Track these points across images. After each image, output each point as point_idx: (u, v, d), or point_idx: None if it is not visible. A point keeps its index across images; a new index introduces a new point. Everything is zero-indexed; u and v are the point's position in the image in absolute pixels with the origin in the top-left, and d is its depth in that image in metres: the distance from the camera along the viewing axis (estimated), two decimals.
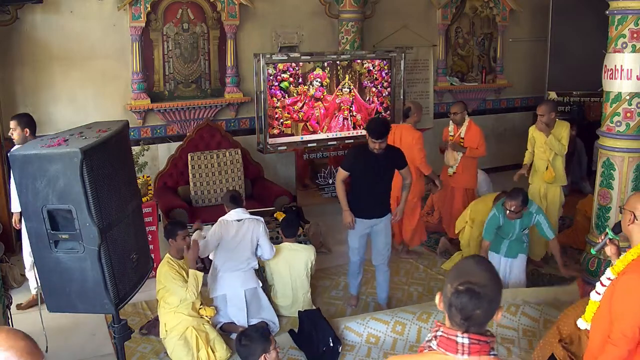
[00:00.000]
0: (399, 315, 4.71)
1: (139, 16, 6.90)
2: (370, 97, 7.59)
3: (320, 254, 5.96)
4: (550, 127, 5.73)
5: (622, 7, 4.81)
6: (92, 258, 2.82)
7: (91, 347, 4.65)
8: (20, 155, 2.78)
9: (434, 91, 8.89)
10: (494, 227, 5.19)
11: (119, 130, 3.11)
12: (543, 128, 5.72)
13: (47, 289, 2.96)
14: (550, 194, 5.96)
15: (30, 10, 6.54)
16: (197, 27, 7.33)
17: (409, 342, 4.54)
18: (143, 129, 7.27)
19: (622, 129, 4.92)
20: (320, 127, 7.36)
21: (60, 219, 2.81)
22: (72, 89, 6.87)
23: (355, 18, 7.79)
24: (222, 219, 4.90)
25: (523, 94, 9.69)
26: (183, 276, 4.40)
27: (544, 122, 5.70)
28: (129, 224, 3.12)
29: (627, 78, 4.82)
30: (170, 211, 6.23)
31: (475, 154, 6.32)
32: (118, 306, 2.98)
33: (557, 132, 5.76)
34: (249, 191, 7.05)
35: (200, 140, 7.01)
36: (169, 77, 7.30)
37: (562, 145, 5.75)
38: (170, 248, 4.55)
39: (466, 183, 6.44)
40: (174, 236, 4.51)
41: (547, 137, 5.73)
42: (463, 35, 9.12)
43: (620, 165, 4.95)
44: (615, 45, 4.87)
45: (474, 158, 6.36)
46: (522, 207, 4.99)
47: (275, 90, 6.99)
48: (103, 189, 2.85)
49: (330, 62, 7.25)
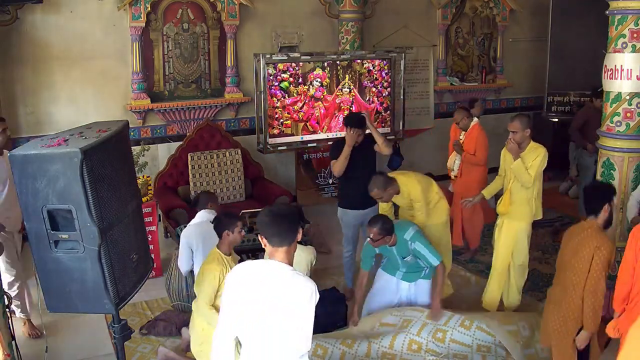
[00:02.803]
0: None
1: (139, 16, 6.91)
2: (370, 97, 7.59)
3: (320, 254, 5.96)
4: (522, 149, 4.74)
5: (622, 7, 4.81)
6: (92, 258, 2.82)
7: (91, 347, 4.65)
8: (20, 155, 2.78)
9: (434, 91, 8.89)
10: (369, 256, 4.68)
11: (119, 130, 3.11)
12: (513, 148, 4.73)
13: (47, 289, 2.95)
14: (505, 228, 4.89)
15: (30, 10, 6.54)
16: (197, 27, 7.33)
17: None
18: (143, 129, 7.27)
19: (622, 129, 4.92)
20: (320, 127, 7.37)
21: (60, 219, 2.81)
22: (72, 89, 6.88)
23: (355, 18, 7.79)
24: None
25: (523, 94, 9.69)
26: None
27: (516, 141, 4.72)
28: (129, 224, 3.12)
29: (627, 78, 4.82)
30: (170, 211, 6.24)
31: (470, 160, 6.03)
32: (118, 306, 2.97)
33: (528, 157, 4.68)
34: (249, 191, 7.06)
35: (200, 140, 7.01)
36: (169, 77, 7.30)
37: (529, 177, 4.64)
38: (221, 242, 4.04)
39: (465, 190, 5.99)
40: (231, 228, 4.01)
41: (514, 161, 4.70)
42: (463, 35, 9.12)
43: (620, 165, 4.94)
44: (615, 45, 4.87)
45: (474, 165, 6.05)
46: (381, 236, 4.35)
47: (275, 90, 7.00)
48: (103, 189, 2.84)
49: (330, 62, 7.25)
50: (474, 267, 6.13)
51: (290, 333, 2.47)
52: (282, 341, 2.48)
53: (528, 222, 4.85)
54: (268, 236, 2.53)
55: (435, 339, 4.38)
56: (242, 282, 2.55)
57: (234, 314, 2.55)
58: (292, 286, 2.47)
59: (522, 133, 4.73)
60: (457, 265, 6.14)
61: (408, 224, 4.61)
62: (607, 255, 3.52)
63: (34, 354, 4.34)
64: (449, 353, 4.35)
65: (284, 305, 2.46)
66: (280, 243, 2.51)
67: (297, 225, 2.55)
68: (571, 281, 3.63)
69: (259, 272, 2.54)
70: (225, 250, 4.02)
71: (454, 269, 6.07)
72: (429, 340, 4.35)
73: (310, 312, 2.46)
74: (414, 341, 4.35)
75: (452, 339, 4.39)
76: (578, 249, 3.61)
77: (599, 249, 3.50)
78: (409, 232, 4.47)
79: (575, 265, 3.61)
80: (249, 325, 2.52)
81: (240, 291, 2.53)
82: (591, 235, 3.58)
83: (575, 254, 3.62)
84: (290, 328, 2.47)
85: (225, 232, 4.01)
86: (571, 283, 3.63)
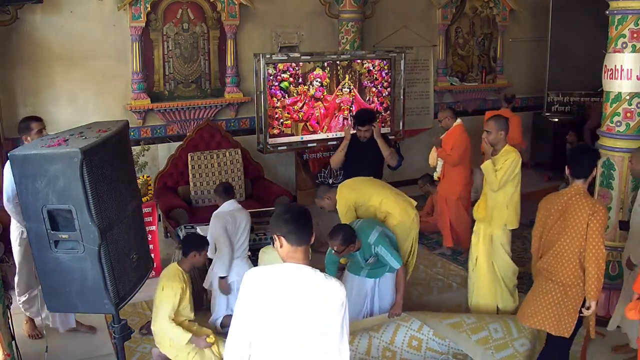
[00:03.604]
0: None
1: (139, 16, 6.91)
2: (370, 97, 7.59)
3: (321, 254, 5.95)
4: (497, 151, 4.61)
5: (622, 7, 4.81)
6: (92, 258, 2.82)
7: (91, 347, 4.65)
8: (20, 155, 2.78)
9: (434, 91, 8.90)
10: (332, 263, 4.62)
11: (119, 130, 3.11)
12: (486, 149, 4.64)
13: (47, 289, 2.96)
14: (482, 235, 4.78)
15: (30, 10, 6.54)
16: (197, 27, 7.33)
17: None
18: (143, 129, 7.27)
19: (622, 129, 4.92)
20: (320, 127, 7.37)
21: (60, 219, 2.81)
22: (72, 89, 6.88)
23: (355, 18, 7.80)
24: (217, 212, 4.89)
25: (523, 94, 9.68)
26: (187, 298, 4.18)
27: (489, 142, 4.61)
28: (129, 224, 3.12)
29: (627, 78, 4.81)
30: (170, 211, 6.24)
31: (446, 158, 6.06)
32: (118, 306, 2.98)
33: (499, 159, 4.56)
34: (249, 191, 7.06)
35: (200, 140, 7.01)
36: (169, 77, 7.30)
37: (496, 179, 4.49)
38: (184, 260, 4.30)
39: (446, 192, 6.14)
40: (200, 250, 4.30)
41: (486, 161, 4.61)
42: (463, 35, 9.12)
43: (620, 165, 4.94)
44: (615, 45, 4.86)
45: (451, 165, 6.07)
46: (345, 246, 4.26)
47: (275, 90, 7.00)
48: (103, 189, 2.85)
49: (330, 62, 7.25)
50: None
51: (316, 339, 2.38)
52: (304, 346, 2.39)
53: (502, 228, 4.71)
54: (286, 234, 2.44)
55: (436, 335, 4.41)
56: (262, 286, 2.42)
57: (251, 319, 2.42)
58: (316, 286, 2.39)
59: (496, 134, 4.61)
60: (457, 265, 6.18)
61: (370, 226, 4.46)
62: (603, 220, 3.48)
63: (34, 353, 4.34)
64: (449, 352, 4.36)
65: (309, 308, 2.37)
66: (299, 242, 2.43)
67: (312, 225, 2.50)
68: (564, 250, 3.58)
69: (280, 275, 2.43)
70: (186, 268, 4.25)
71: (454, 269, 6.09)
72: (430, 338, 4.37)
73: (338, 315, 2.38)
74: (415, 337, 4.37)
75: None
76: (567, 217, 3.55)
77: (594, 216, 3.46)
78: (372, 235, 4.37)
79: (568, 233, 3.55)
80: (270, 329, 2.41)
81: (262, 296, 2.41)
82: (581, 202, 3.52)
83: (564, 221, 3.56)
84: (315, 332, 2.38)
85: (192, 253, 4.27)
86: (565, 252, 3.58)
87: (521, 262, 6.10)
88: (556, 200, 3.68)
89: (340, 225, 4.44)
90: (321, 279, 2.41)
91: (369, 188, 4.92)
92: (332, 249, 4.33)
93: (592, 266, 3.48)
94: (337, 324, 2.39)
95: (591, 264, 3.48)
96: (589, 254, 3.48)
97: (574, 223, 3.53)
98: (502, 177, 4.50)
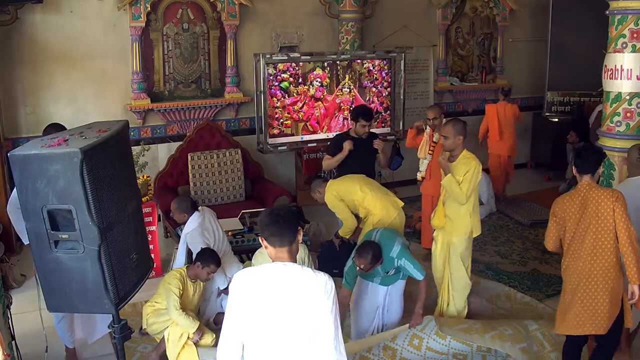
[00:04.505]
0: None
1: (139, 16, 6.90)
2: (370, 97, 7.59)
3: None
4: (454, 157, 4.43)
5: (622, 7, 4.81)
6: (92, 258, 2.82)
7: (91, 347, 4.64)
8: (20, 155, 2.78)
9: (434, 91, 8.90)
10: (353, 277, 4.41)
11: (119, 130, 3.11)
12: (442, 163, 4.47)
13: (47, 289, 2.95)
14: (440, 243, 4.65)
15: (30, 10, 6.54)
16: (197, 27, 7.33)
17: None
18: (143, 129, 7.27)
19: (622, 129, 4.92)
20: (320, 127, 7.37)
21: (60, 219, 2.81)
22: (72, 89, 6.87)
23: (355, 18, 7.80)
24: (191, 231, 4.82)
25: (523, 94, 9.68)
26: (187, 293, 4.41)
27: (447, 147, 4.41)
28: (129, 224, 3.12)
29: (627, 78, 4.82)
30: (170, 211, 6.22)
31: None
32: (118, 306, 2.98)
33: (459, 169, 4.34)
34: (249, 191, 7.05)
35: (200, 140, 7.01)
36: (169, 77, 7.30)
37: (461, 192, 4.30)
38: (190, 267, 4.46)
39: (433, 192, 5.67)
40: (207, 265, 4.39)
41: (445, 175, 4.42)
42: (463, 35, 9.12)
43: (620, 165, 4.94)
44: (615, 45, 4.87)
45: None
46: (372, 265, 4.17)
47: (275, 90, 7.00)
48: (103, 189, 2.84)
49: (330, 62, 7.26)
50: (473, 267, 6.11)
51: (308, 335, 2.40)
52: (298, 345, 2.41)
53: (464, 238, 4.55)
54: (267, 237, 2.52)
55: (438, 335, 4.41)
56: (251, 287, 2.47)
57: (242, 320, 2.46)
58: (302, 281, 2.43)
59: (454, 139, 4.39)
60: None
61: (391, 238, 4.33)
62: (625, 202, 3.55)
63: (34, 354, 4.34)
64: (449, 352, 4.36)
65: (298, 304, 2.40)
66: (280, 243, 2.49)
67: (296, 225, 2.53)
68: (597, 244, 3.59)
69: (267, 275, 2.48)
70: (190, 275, 4.43)
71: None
72: (431, 337, 4.37)
73: (327, 309, 2.39)
74: (416, 335, 4.38)
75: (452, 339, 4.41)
76: (590, 211, 3.58)
77: (618, 201, 3.54)
78: (395, 249, 4.27)
79: (596, 226, 3.58)
80: (261, 329, 2.44)
81: (250, 296, 2.45)
82: (600, 193, 3.59)
83: (588, 217, 3.59)
84: (307, 329, 2.40)
85: (198, 263, 4.40)
86: (598, 245, 3.59)
87: (521, 262, 6.13)
88: (570, 200, 3.69)
89: (367, 242, 4.28)
90: (308, 273, 2.46)
91: (355, 185, 5.00)
92: (359, 267, 4.20)
93: (628, 249, 3.53)
94: (328, 319, 2.41)
95: (627, 247, 3.53)
96: (623, 237, 3.53)
97: (599, 214, 3.57)
98: (467, 189, 4.33)
